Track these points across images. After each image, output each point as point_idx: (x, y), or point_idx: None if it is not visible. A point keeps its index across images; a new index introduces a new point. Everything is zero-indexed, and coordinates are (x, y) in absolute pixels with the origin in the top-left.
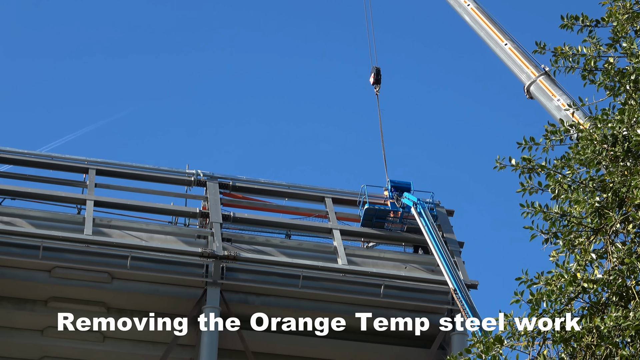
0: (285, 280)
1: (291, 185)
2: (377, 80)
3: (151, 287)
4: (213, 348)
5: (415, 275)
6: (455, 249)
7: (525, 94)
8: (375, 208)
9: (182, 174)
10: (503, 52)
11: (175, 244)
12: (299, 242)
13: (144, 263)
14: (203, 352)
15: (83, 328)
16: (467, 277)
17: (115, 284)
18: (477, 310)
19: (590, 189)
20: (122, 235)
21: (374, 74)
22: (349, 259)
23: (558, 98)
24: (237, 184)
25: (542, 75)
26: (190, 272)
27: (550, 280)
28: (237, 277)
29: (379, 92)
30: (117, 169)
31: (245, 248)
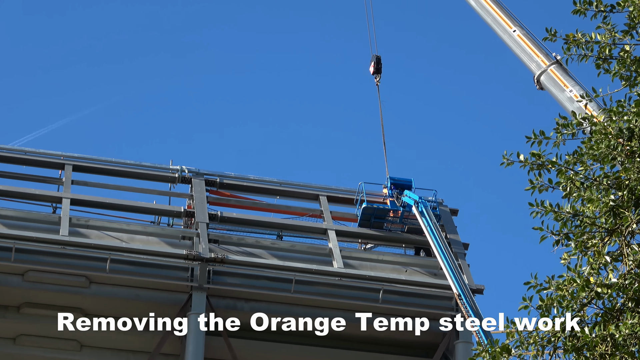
0: (276, 284)
1: (283, 183)
2: (377, 70)
3: (132, 292)
4: (199, 358)
5: (417, 279)
6: (459, 250)
7: (535, 84)
8: (373, 207)
9: (165, 170)
10: (511, 40)
11: (158, 245)
12: (291, 243)
13: (124, 266)
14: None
15: (59, 336)
16: (473, 281)
17: (93, 288)
18: (483, 317)
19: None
20: (100, 236)
21: (374, 63)
22: (345, 262)
23: (570, 89)
24: (225, 180)
25: (553, 64)
26: (174, 276)
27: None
28: (224, 281)
29: (379, 82)
30: (96, 165)
31: (234, 250)
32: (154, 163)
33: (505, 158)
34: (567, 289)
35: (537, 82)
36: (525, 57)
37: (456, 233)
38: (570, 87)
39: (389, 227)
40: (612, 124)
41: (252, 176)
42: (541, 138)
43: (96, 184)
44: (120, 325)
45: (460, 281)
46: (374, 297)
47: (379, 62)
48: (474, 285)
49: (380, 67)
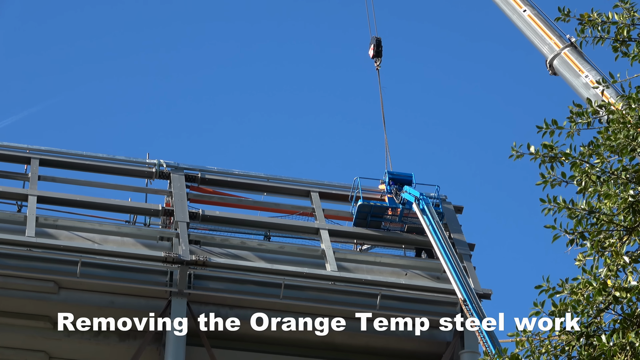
0: (264, 289)
1: (271, 178)
2: (377, 53)
3: (105, 298)
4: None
5: (418, 284)
6: (464, 252)
7: (547, 69)
8: (370, 204)
9: (141, 164)
10: (521, 20)
11: (134, 247)
12: (280, 244)
13: (97, 270)
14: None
15: (25, 346)
16: (479, 285)
17: (62, 294)
18: None
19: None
20: (70, 237)
21: (374, 46)
22: (339, 265)
23: (586, 74)
24: (207, 176)
25: (567, 47)
26: (152, 281)
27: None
28: (206, 286)
29: (380, 66)
30: (65, 159)
31: (217, 252)
32: (129, 157)
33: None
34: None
35: (550, 67)
36: (537, 39)
37: (461, 232)
38: (585, 72)
39: (387, 226)
40: (631, 112)
41: (237, 171)
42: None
43: (65, 179)
44: (92, 334)
45: (466, 285)
46: (371, 302)
47: (379, 44)
48: (481, 289)
49: (380, 50)
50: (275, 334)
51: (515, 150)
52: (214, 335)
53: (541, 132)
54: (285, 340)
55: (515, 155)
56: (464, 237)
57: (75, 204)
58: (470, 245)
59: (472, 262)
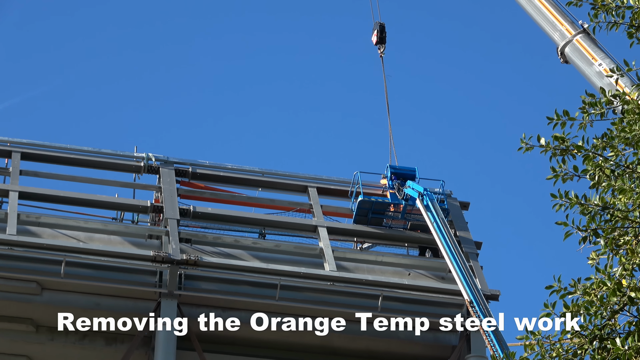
0: (259, 290)
1: (266, 172)
2: (381, 39)
3: (91, 300)
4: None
5: (421, 284)
6: (471, 250)
7: (558, 57)
8: (371, 200)
9: (129, 158)
10: (531, 5)
11: (121, 245)
12: (276, 242)
13: (82, 270)
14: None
15: (6, 351)
16: (486, 285)
17: (45, 296)
18: (498, 328)
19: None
20: (54, 235)
21: (377, 32)
22: (338, 264)
23: (599, 62)
24: (199, 170)
25: (579, 33)
26: (140, 281)
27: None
28: (198, 287)
29: (384, 53)
30: (48, 153)
31: (209, 251)
32: (116, 150)
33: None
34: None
35: (561, 55)
36: (547, 25)
37: (467, 230)
38: (599, 60)
39: (389, 223)
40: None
41: (230, 165)
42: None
43: (49, 174)
44: (77, 338)
45: (472, 286)
46: (371, 304)
47: (383, 30)
48: (488, 290)
49: (384, 37)
50: (271, 337)
51: (524, 142)
52: (206, 338)
53: (552, 123)
54: (282, 344)
55: (524, 147)
56: (471, 235)
57: (59, 200)
58: (477, 244)
59: (479, 261)
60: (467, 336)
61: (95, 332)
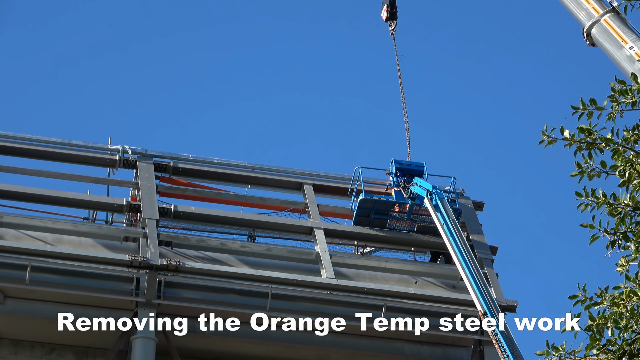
0: (247, 300)
1: (256, 167)
2: (392, 15)
3: (60, 309)
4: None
5: (430, 294)
6: (485, 256)
7: (584, 39)
8: (373, 199)
9: (102, 150)
10: None
11: (93, 249)
12: (267, 246)
13: (49, 276)
14: None
15: None
16: (502, 295)
17: (9, 305)
18: (515, 342)
19: None
20: (18, 237)
21: (387, 7)
22: (336, 271)
23: (630, 45)
24: (180, 165)
25: (607, 12)
26: (115, 289)
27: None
28: (179, 296)
29: (395, 30)
30: (12, 144)
31: (192, 255)
32: (88, 142)
33: (546, 135)
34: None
35: (587, 37)
36: (572, 3)
37: (481, 233)
38: (629, 43)
39: (393, 225)
40: None
41: (216, 159)
42: (592, 109)
43: (13, 168)
44: (45, 351)
45: (487, 296)
46: (374, 316)
47: (394, 5)
48: (504, 300)
49: (395, 12)
50: (260, 352)
51: (546, 135)
52: (188, 353)
53: (577, 113)
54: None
55: (546, 141)
56: (485, 239)
57: (24, 197)
58: (492, 249)
59: (494, 268)
60: (481, 352)
61: (65, 346)
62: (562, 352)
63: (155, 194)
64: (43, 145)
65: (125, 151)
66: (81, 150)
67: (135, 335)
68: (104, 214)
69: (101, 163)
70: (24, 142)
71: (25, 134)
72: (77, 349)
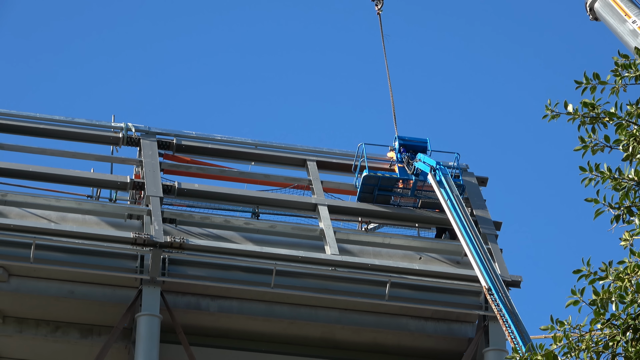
0: (252, 277)
1: (260, 144)
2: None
3: (64, 287)
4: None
5: (434, 269)
6: (489, 231)
7: (587, 13)
8: (377, 175)
9: (106, 128)
10: None
11: (97, 226)
12: (271, 223)
13: (54, 254)
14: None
15: None
16: (507, 271)
17: (13, 283)
18: (520, 318)
19: None
20: (22, 215)
21: None
22: (340, 247)
23: (633, 18)
24: (184, 142)
25: None
26: (119, 266)
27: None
28: (184, 273)
29: (381, 10)
30: (15, 122)
31: (196, 232)
32: (91, 120)
33: (549, 109)
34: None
35: (590, 11)
36: None
37: (485, 209)
38: (633, 17)
39: (397, 201)
40: None
41: (219, 136)
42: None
43: (16, 147)
44: (49, 330)
45: (491, 271)
46: (378, 292)
47: None
48: (509, 276)
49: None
50: (265, 329)
51: (549, 109)
52: (192, 330)
53: (580, 87)
54: (277, 337)
55: (550, 115)
56: (489, 214)
57: (28, 175)
58: (497, 224)
59: (498, 243)
60: (485, 327)
61: (69, 324)
62: (566, 326)
63: (159, 172)
64: (46, 123)
65: (128, 129)
66: (85, 128)
67: (140, 313)
68: (108, 192)
69: (105, 141)
70: (27, 120)
71: (28, 112)
72: (81, 327)
